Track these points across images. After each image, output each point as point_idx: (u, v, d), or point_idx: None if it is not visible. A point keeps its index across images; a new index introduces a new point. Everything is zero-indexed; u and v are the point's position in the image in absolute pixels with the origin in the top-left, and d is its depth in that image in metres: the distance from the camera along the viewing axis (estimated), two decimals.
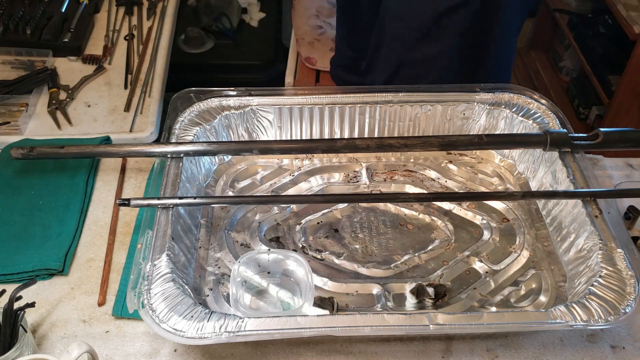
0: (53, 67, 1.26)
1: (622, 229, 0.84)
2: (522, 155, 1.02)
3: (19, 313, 0.72)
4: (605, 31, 2.34)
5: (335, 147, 0.95)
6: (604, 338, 0.82)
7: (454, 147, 0.97)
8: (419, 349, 0.80)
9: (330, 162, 1.04)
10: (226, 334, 0.70)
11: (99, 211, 0.97)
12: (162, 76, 1.29)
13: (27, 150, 0.92)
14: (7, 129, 1.11)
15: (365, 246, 0.91)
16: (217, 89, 1.02)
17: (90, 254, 0.90)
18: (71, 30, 1.33)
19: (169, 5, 1.50)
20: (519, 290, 0.86)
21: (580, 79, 2.53)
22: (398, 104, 1.02)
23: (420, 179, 1.02)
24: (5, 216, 0.93)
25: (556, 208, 0.92)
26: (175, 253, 0.80)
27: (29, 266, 0.86)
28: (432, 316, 0.73)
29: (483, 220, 0.95)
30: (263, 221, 0.94)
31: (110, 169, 1.03)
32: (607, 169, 1.07)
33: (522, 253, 0.90)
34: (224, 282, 0.85)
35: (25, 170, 1.00)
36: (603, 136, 0.92)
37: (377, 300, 0.84)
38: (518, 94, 1.03)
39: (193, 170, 0.95)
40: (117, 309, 0.83)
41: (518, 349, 0.81)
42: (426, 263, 0.89)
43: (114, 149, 0.95)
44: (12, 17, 1.33)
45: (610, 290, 0.76)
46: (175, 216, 0.84)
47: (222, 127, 1.01)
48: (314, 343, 0.81)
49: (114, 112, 1.18)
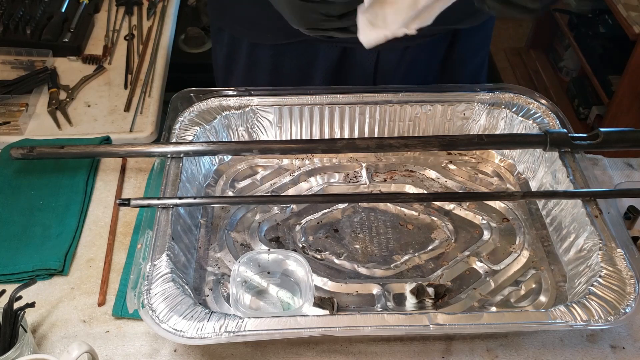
0: (53, 67, 1.26)
1: (622, 229, 0.84)
2: (522, 155, 1.02)
3: (19, 313, 0.72)
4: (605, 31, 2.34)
5: (335, 147, 0.95)
6: (604, 338, 0.82)
7: (454, 147, 0.97)
8: (419, 349, 0.80)
9: (330, 162, 1.04)
10: (226, 334, 0.70)
11: (99, 211, 0.97)
12: (162, 76, 1.29)
13: (27, 150, 0.92)
14: (7, 129, 1.11)
15: (365, 246, 0.91)
16: (217, 89, 1.02)
17: (90, 254, 0.90)
18: (71, 30, 1.33)
19: (169, 5, 1.50)
20: (519, 290, 0.86)
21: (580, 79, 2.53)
22: (398, 104, 1.02)
23: (420, 179, 1.02)
24: (5, 216, 0.93)
25: (556, 208, 0.92)
26: (175, 253, 0.80)
27: (29, 266, 0.86)
28: (432, 316, 0.73)
29: (483, 220, 0.95)
30: (263, 221, 0.94)
31: (110, 169, 1.04)
32: (607, 169, 1.07)
33: (522, 253, 0.90)
34: (224, 282, 0.85)
35: (25, 170, 1.00)
36: (603, 136, 0.92)
37: (377, 300, 0.84)
38: (518, 94, 1.03)
39: (193, 170, 0.95)
40: (117, 309, 0.83)
41: (518, 349, 0.81)
42: (426, 263, 0.89)
43: (114, 149, 0.95)
44: (12, 17, 1.33)
45: (610, 290, 0.76)
46: (175, 216, 0.84)
47: (222, 127, 1.01)
48: (314, 343, 0.81)
49: (114, 112, 1.18)
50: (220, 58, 1.14)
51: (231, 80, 1.12)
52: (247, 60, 1.09)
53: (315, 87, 1.04)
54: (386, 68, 1.06)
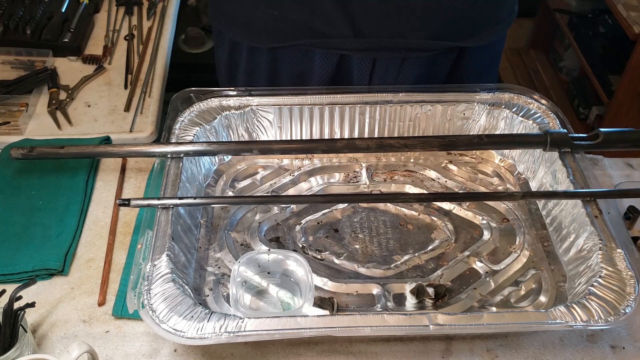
0: (53, 67, 1.26)
1: (622, 229, 0.84)
2: (522, 155, 1.02)
3: (19, 313, 0.72)
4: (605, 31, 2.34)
5: (335, 147, 0.95)
6: (604, 338, 0.82)
7: (454, 147, 0.97)
8: (419, 349, 0.80)
9: (330, 162, 1.04)
10: (226, 334, 0.70)
11: (99, 211, 0.97)
12: (162, 76, 1.29)
13: (27, 150, 0.92)
14: (7, 129, 1.11)
15: (365, 246, 0.91)
16: (217, 89, 1.02)
17: (90, 254, 0.90)
18: (71, 30, 1.34)
19: (169, 5, 1.50)
20: (519, 291, 0.86)
21: (580, 79, 2.53)
22: (398, 104, 1.02)
23: (420, 179, 1.02)
24: (5, 216, 0.93)
25: (556, 208, 0.92)
26: (175, 253, 0.80)
27: (29, 266, 0.86)
28: (432, 316, 0.73)
29: (483, 220, 0.95)
30: (263, 221, 0.94)
31: (110, 169, 1.04)
32: (607, 169, 1.07)
33: (522, 253, 0.90)
34: (224, 282, 0.85)
35: (25, 170, 1.00)
36: (603, 136, 0.92)
37: (377, 301, 0.84)
38: (518, 94, 1.03)
39: (193, 170, 0.95)
40: (117, 309, 0.83)
41: (518, 349, 0.81)
42: (426, 263, 0.89)
43: (114, 149, 0.95)
44: (12, 17, 1.33)
45: (610, 290, 0.76)
46: (175, 216, 0.84)
47: (222, 127, 1.01)
48: (314, 343, 0.81)
49: (114, 112, 1.18)
50: (222, 62, 1.15)
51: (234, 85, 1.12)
52: (247, 65, 1.09)
53: (315, 87, 1.04)
54: (382, 79, 1.06)
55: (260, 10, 0.99)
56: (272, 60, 1.06)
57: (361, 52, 1.02)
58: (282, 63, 1.07)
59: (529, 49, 2.87)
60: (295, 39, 1.02)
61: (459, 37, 1.03)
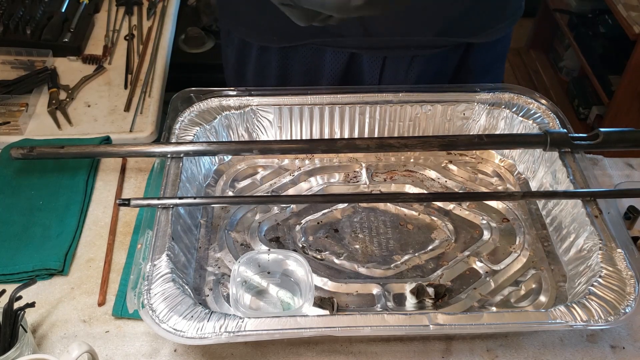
0: (53, 67, 1.26)
1: (622, 229, 0.84)
2: (522, 155, 1.02)
3: (19, 313, 0.72)
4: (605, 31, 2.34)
5: (335, 147, 0.95)
6: (604, 338, 0.82)
7: (454, 147, 0.97)
8: (419, 349, 0.80)
9: (330, 162, 1.04)
10: (226, 334, 0.70)
11: (99, 211, 0.97)
12: (162, 76, 1.29)
13: (27, 150, 0.92)
14: (7, 129, 1.11)
15: (365, 246, 0.91)
16: (217, 89, 1.02)
17: (90, 254, 0.90)
18: (71, 30, 1.34)
19: (169, 5, 1.50)
20: (519, 290, 0.86)
21: (580, 79, 2.53)
22: (398, 104, 1.02)
23: (420, 179, 1.02)
24: (5, 216, 0.93)
25: (556, 208, 0.92)
26: (175, 253, 0.80)
27: (29, 266, 0.86)
28: (432, 316, 0.73)
29: (483, 220, 0.95)
30: (263, 221, 0.94)
31: (110, 169, 1.04)
32: (607, 169, 1.07)
33: (522, 253, 0.90)
34: (224, 282, 0.85)
35: (25, 170, 1.00)
36: (603, 136, 0.92)
37: (377, 300, 0.84)
38: (518, 94, 1.03)
39: (193, 170, 0.95)
40: (117, 309, 0.83)
41: (518, 349, 0.81)
42: (426, 263, 0.89)
43: (114, 149, 0.95)
44: (12, 17, 1.33)
45: (610, 290, 0.76)
46: (175, 216, 0.84)
47: (222, 127, 1.01)
48: (314, 343, 0.81)
49: (114, 112, 1.18)
50: (231, 61, 1.15)
51: (242, 84, 1.12)
52: (256, 64, 1.09)
53: (315, 87, 1.04)
54: (392, 77, 1.06)
55: (269, 10, 1.00)
56: (283, 59, 1.06)
57: (372, 51, 1.02)
58: (292, 62, 1.07)
59: (529, 49, 2.87)
60: (306, 39, 1.02)
61: (468, 34, 1.03)
